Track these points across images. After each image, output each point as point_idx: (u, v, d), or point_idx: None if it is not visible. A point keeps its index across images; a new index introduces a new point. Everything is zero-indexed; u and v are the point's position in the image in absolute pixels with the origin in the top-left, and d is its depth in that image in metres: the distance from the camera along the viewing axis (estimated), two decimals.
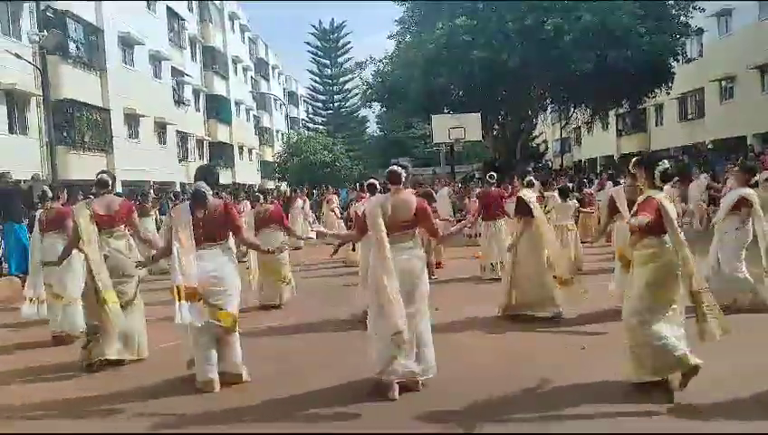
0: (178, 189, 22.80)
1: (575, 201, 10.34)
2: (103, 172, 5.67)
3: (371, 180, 5.80)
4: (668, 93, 24.22)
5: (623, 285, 4.58)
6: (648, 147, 32.54)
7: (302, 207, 15.95)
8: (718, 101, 26.96)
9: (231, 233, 4.61)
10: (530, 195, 6.45)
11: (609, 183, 14.13)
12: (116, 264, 5.28)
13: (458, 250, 11.62)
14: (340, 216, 16.59)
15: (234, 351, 4.54)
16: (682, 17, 21.82)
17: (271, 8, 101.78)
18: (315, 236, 7.83)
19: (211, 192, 4.50)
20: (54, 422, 4.01)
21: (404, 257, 4.19)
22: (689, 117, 29.58)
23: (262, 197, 8.00)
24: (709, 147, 25.83)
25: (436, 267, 9.30)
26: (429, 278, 4.58)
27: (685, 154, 23.57)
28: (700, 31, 24.37)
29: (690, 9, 21.89)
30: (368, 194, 6.42)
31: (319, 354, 5.36)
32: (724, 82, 26.38)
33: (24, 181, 13.79)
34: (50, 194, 6.69)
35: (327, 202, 17.42)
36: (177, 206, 4.89)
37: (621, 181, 8.87)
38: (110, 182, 5.55)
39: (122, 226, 5.47)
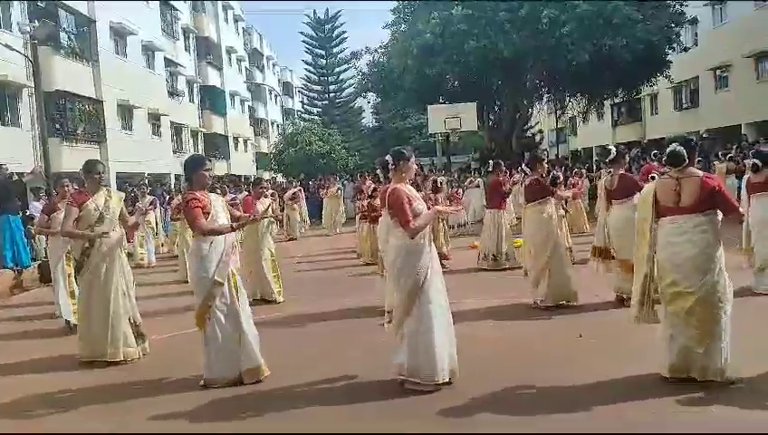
0: (173, 181, 22.70)
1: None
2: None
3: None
4: (671, 81, 24.18)
5: None
6: (644, 136, 32.61)
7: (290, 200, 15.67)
8: (713, 90, 26.99)
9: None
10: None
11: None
12: None
13: (458, 241, 11.62)
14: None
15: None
16: (677, 6, 21.78)
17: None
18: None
19: (185, 185, 4.51)
20: (44, 420, 3.95)
21: (390, 245, 4.09)
22: (684, 106, 29.62)
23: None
24: (704, 136, 25.89)
25: (444, 259, 8.97)
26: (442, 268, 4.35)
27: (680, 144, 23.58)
28: (695, 20, 24.33)
29: None
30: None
31: (317, 348, 5.31)
32: (718, 71, 26.39)
33: (17, 174, 13.68)
34: (44, 189, 6.99)
35: (326, 189, 17.34)
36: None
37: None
38: (82, 174, 5.25)
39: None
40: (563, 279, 6.02)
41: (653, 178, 6.07)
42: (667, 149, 3.90)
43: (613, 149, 6.26)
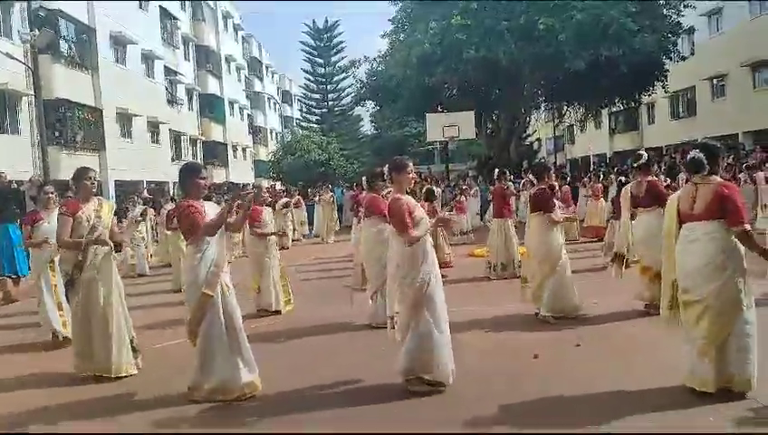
0: (172, 189, 22.71)
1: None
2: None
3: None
4: (668, 90, 24.32)
5: None
6: (641, 145, 32.72)
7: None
8: (710, 99, 27.14)
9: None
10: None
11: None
12: None
13: (459, 249, 11.58)
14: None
15: None
16: (674, 16, 21.94)
17: (264, 7, 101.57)
18: None
19: (181, 194, 4.40)
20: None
21: (394, 253, 4.15)
22: (681, 115, 29.78)
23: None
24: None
25: (445, 267, 8.59)
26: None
27: (677, 152, 23.75)
28: (691, 29, 24.49)
29: (682, 8, 22.00)
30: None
31: (317, 353, 5.31)
32: (715, 81, 26.55)
33: (17, 182, 13.69)
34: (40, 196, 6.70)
35: (320, 197, 17.35)
36: None
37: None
38: (72, 181, 5.08)
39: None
40: (564, 292, 5.90)
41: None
42: (688, 156, 3.86)
43: (645, 155, 6.13)
